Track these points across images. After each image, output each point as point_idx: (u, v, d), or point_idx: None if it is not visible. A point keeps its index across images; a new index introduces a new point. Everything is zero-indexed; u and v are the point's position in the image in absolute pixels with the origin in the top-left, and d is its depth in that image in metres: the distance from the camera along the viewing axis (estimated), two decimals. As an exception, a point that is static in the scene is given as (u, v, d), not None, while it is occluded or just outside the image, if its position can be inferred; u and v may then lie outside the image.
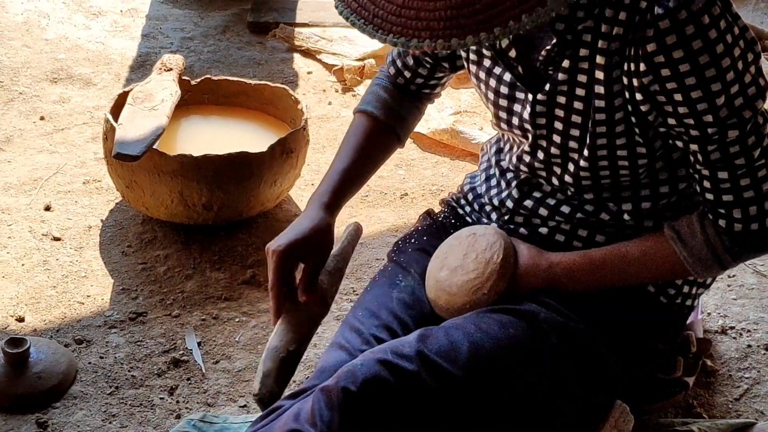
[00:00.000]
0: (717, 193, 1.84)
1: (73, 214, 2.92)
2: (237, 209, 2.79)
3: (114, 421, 2.21)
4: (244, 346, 2.45)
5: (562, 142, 1.91)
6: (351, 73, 3.74)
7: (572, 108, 1.87)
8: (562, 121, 1.89)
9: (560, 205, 2.00)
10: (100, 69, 3.76)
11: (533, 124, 1.92)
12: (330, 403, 1.75)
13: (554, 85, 1.87)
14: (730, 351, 2.44)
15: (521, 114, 1.94)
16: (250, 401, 2.27)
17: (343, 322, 2.05)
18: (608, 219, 1.97)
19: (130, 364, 2.37)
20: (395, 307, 2.03)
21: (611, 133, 1.85)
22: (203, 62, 3.82)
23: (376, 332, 1.97)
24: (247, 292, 2.63)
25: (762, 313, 2.57)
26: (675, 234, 1.90)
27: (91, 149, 3.23)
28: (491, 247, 1.97)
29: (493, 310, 1.92)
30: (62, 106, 3.49)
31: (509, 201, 2.05)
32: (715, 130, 1.76)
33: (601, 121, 1.84)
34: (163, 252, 2.77)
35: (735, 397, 2.30)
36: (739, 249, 1.88)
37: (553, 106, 1.89)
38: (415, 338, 1.84)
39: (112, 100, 2.89)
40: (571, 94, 1.86)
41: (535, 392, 1.89)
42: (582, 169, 1.90)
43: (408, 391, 1.78)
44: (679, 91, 1.74)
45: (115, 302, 2.58)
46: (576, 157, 1.91)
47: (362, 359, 1.81)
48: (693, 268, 1.90)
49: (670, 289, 2.03)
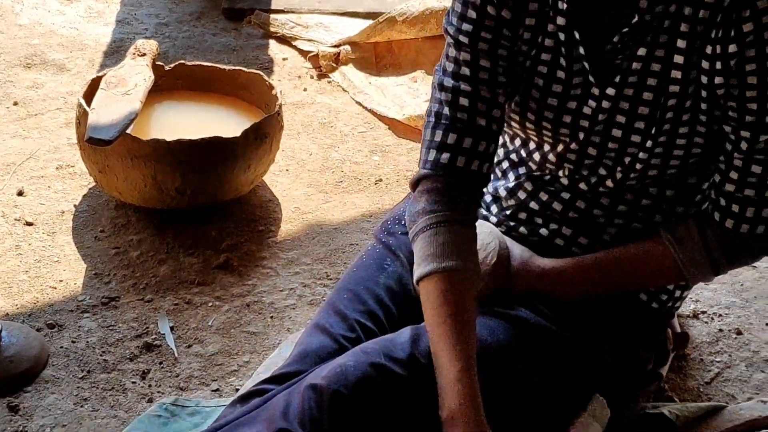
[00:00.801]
0: (740, 186, 1.82)
1: (45, 199, 2.91)
2: (210, 194, 2.78)
3: (86, 405, 2.20)
4: (217, 330, 2.44)
5: (623, 135, 1.85)
6: (326, 59, 3.73)
7: (641, 99, 1.81)
8: (626, 114, 1.83)
9: (576, 200, 1.96)
10: (74, 54, 3.74)
11: (593, 120, 1.85)
12: (320, 404, 1.73)
13: (625, 76, 1.81)
14: (702, 335, 2.45)
15: (578, 110, 1.86)
16: (223, 385, 2.27)
17: (327, 303, 2.03)
18: (623, 209, 1.94)
19: (102, 349, 2.37)
20: (381, 293, 2.01)
21: (677, 119, 1.81)
22: (178, 48, 3.81)
23: (360, 318, 1.96)
24: (220, 277, 2.63)
25: (733, 298, 2.58)
26: (672, 237, 1.89)
27: (65, 134, 3.22)
28: (486, 248, 1.93)
29: (482, 312, 1.89)
30: (36, 91, 3.47)
31: (521, 192, 2.01)
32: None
33: (672, 107, 1.80)
34: (136, 237, 2.76)
35: (706, 380, 2.32)
36: (735, 253, 1.88)
37: (619, 99, 1.83)
38: (407, 339, 1.82)
39: (85, 85, 2.87)
40: (641, 84, 1.80)
41: (517, 396, 1.88)
42: (640, 161, 1.85)
43: (399, 395, 1.77)
44: (756, 74, 1.71)
45: (87, 287, 2.57)
46: (635, 151, 1.85)
47: (354, 360, 1.79)
48: (688, 271, 1.90)
49: (662, 294, 2.02)
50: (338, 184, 3.07)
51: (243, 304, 2.53)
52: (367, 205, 2.99)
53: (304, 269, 2.68)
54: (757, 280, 2.65)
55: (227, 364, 2.34)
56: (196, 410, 2.17)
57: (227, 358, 2.36)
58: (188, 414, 2.16)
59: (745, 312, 2.54)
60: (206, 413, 2.16)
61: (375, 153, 3.23)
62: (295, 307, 2.53)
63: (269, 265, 2.69)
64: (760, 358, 2.38)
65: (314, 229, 2.85)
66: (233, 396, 2.15)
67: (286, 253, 2.74)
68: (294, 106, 3.46)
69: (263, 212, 2.91)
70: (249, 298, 2.56)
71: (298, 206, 2.95)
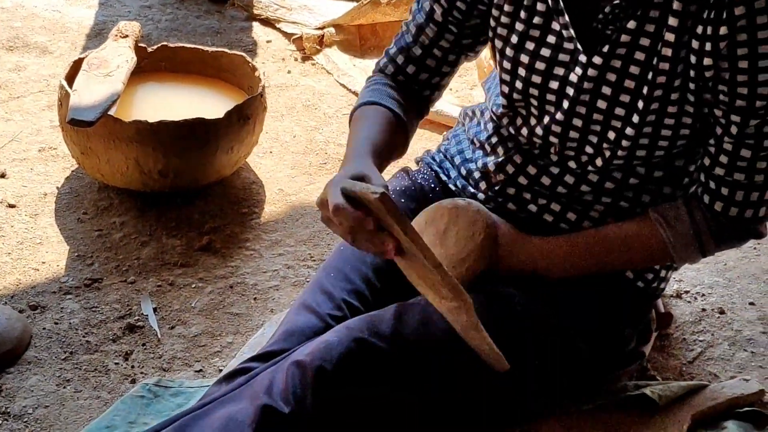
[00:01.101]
0: (730, 170, 1.82)
1: (28, 182, 2.89)
2: (193, 176, 2.77)
3: (68, 386, 2.20)
4: (200, 311, 2.44)
5: (608, 108, 1.85)
6: (310, 41, 3.72)
7: (627, 72, 1.81)
8: (611, 85, 1.83)
9: (564, 175, 1.96)
10: (57, 37, 3.72)
11: (579, 89, 1.85)
12: (304, 380, 1.73)
13: (613, 47, 1.81)
14: (685, 315, 2.45)
15: (565, 77, 1.87)
16: (206, 366, 2.27)
17: (313, 282, 2.02)
18: (611, 187, 1.94)
19: (84, 330, 2.36)
20: (368, 271, 2.00)
21: (666, 98, 1.80)
22: (161, 31, 3.79)
23: (347, 297, 1.96)
24: (203, 259, 2.62)
25: (716, 278, 2.59)
26: (661, 218, 1.89)
27: (47, 117, 3.20)
28: (473, 224, 1.92)
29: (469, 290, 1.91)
30: (18, 74, 3.46)
31: (510, 166, 2.00)
32: (764, 104, 1.74)
33: (660, 84, 1.79)
34: (119, 219, 2.75)
35: (689, 360, 2.32)
36: (723, 235, 1.89)
37: (606, 70, 1.82)
38: (392, 316, 1.83)
39: (67, 66, 2.86)
40: (628, 57, 1.80)
41: (503, 374, 1.87)
42: (626, 137, 1.85)
43: (383, 372, 1.77)
44: (747, 58, 1.71)
45: (70, 269, 2.56)
46: (620, 127, 1.85)
47: (338, 336, 1.79)
48: (676, 252, 1.90)
49: (648, 273, 2.03)
50: (322, 165, 3.07)
51: (226, 286, 2.53)
52: (350, 187, 2.98)
53: (288, 251, 2.67)
54: (740, 259, 2.66)
55: (210, 345, 2.34)
56: (180, 391, 2.16)
57: (210, 339, 2.36)
58: (171, 395, 2.15)
59: (728, 291, 2.54)
60: (189, 394, 2.15)
61: (359, 135, 3.22)
62: (278, 289, 2.53)
63: (252, 246, 2.69)
64: (743, 337, 2.39)
65: (298, 210, 2.85)
66: (216, 377, 2.15)
67: (270, 235, 2.73)
68: (278, 88, 3.45)
69: (246, 194, 2.90)
70: (232, 280, 2.55)
71: (281, 188, 2.94)
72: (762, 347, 2.36)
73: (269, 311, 2.45)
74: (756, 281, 2.58)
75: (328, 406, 1.74)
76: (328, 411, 1.73)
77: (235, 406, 1.74)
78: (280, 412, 1.71)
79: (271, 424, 1.70)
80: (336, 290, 1.97)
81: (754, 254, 2.68)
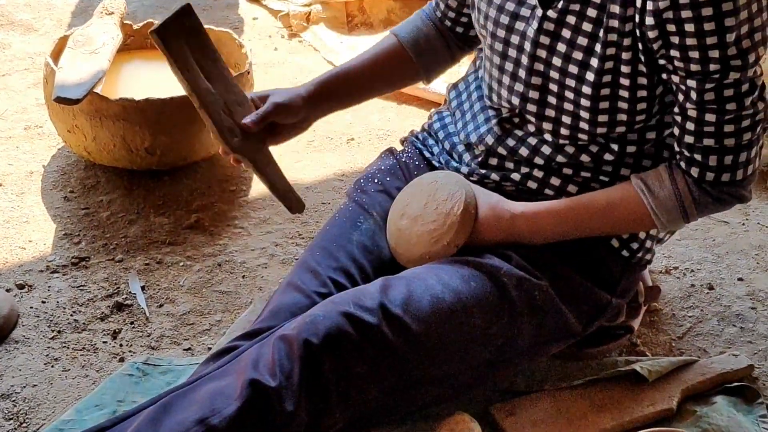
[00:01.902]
0: (699, 137, 1.83)
1: (14, 160, 2.88)
2: (180, 154, 2.76)
3: (56, 365, 2.19)
4: (188, 289, 2.43)
5: (562, 65, 1.88)
6: (297, 18, 3.70)
7: (580, 30, 1.84)
8: (566, 42, 1.86)
9: (541, 145, 1.97)
10: (42, 15, 3.70)
11: (535, 43, 1.89)
12: (291, 354, 1.74)
13: (567, 3, 1.84)
14: (674, 290, 2.45)
15: (524, 32, 1.91)
16: (195, 344, 2.26)
17: (300, 262, 2.03)
18: (588, 162, 1.95)
19: (72, 309, 2.35)
20: (354, 250, 2.01)
21: (618, 57, 1.82)
22: (147, 8, 3.77)
23: (333, 275, 1.96)
24: (191, 237, 2.61)
25: (705, 253, 2.59)
26: (643, 184, 1.89)
27: (33, 95, 3.18)
28: (452, 197, 1.93)
29: (454, 261, 1.91)
30: (3, 52, 3.43)
31: (489, 137, 2.01)
32: (717, 67, 1.75)
33: (612, 42, 1.81)
34: (106, 197, 2.73)
35: (678, 335, 2.32)
36: (705, 200, 1.88)
37: (561, 25, 1.86)
38: (377, 289, 1.83)
39: (53, 44, 2.84)
40: (582, 14, 1.83)
41: (490, 346, 1.89)
42: (584, 96, 1.87)
43: (369, 343, 1.78)
44: (692, 21, 1.71)
45: (57, 247, 2.55)
46: (573, 84, 1.87)
47: (324, 310, 1.79)
48: (659, 219, 1.90)
49: (633, 243, 2.03)
50: (310, 143, 3.05)
51: (214, 264, 2.52)
52: (338, 165, 2.97)
53: (276, 228, 2.66)
54: (728, 235, 2.66)
55: (199, 324, 2.33)
56: (168, 369, 2.16)
57: (199, 317, 2.35)
58: (160, 373, 2.15)
59: (717, 267, 2.54)
60: (178, 372, 2.15)
61: (347, 112, 3.20)
62: (266, 267, 2.52)
63: (240, 224, 2.68)
64: (732, 313, 2.39)
65: (286, 188, 2.83)
66: (205, 355, 2.15)
67: (258, 213, 2.72)
68: (265, 65, 3.44)
69: (234, 171, 2.88)
70: (220, 258, 2.54)
71: (269, 166, 2.92)
72: (751, 323, 2.36)
73: (258, 289, 2.44)
74: (745, 257, 2.58)
75: (315, 378, 1.74)
76: (314, 383, 1.74)
77: (222, 382, 1.75)
78: (266, 385, 1.71)
79: (258, 397, 1.71)
80: (322, 268, 1.98)
81: (743, 230, 2.68)
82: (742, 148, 1.83)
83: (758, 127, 1.83)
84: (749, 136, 1.82)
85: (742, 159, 1.84)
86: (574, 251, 1.97)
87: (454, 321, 1.84)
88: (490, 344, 1.89)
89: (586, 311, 2.01)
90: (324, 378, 1.74)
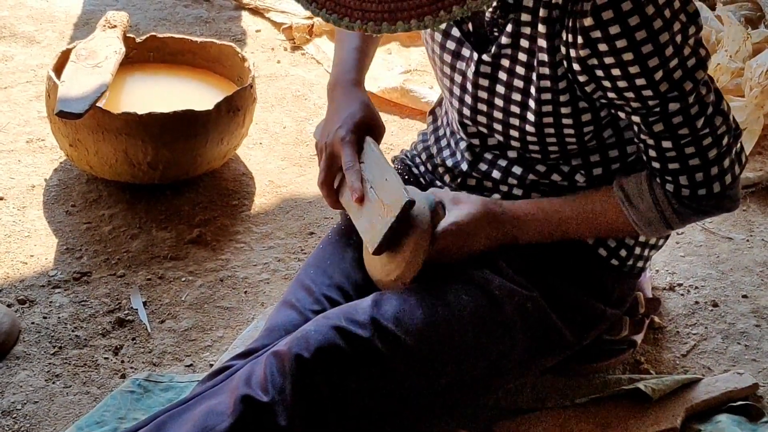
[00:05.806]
0: (663, 162, 1.83)
1: (16, 173, 2.87)
2: (183, 168, 2.75)
3: (57, 381, 2.18)
4: (191, 305, 2.42)
5: (504, 106, 1.89)
6: (300, 31, 3.69)
7: (514, 72, 1.86)
8: (504, 84, 1.88)
9: (512, 166, 1.98)
10: (44, 27, 3.69)
11: (476, 84, 1.91)
12: (282, 369, 1.74)
13: (499, 48, 1.86)
14: (678, 308, 2.44)
15: (465, 72, 1.93)
16: (196, 360, 2.26)
17: (295, 280, 2.04)
18: (561, 181, 1.96)
19: (74, 324, 2.34)
20: (347, 266, 2.02)
21: (556, 100, 1.84)
22: (149, 20, 3.77)
23: (327, 292, 1.97)
24: (193, 252, 2.60)
25: (710, 270, 2.58)
26: (623, 194, 1.90)
27: (35, 108, 3.17)
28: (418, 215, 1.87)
29: (446, 275, 1.91)
30: (5, 64, 3.43)
31: (464, 164, 2.03)
32: (656, 102, 1.75)
33: (546, 88, 1.83)
34: (108, 211, 2.73)
35: (682, 353, 2.31)
36: (686, 212, 1.89)
37: (497, 69, 1.88)
38: (368, 304, 1.84)
39: (55, 57, 2.83)
40: (514, 58, 1.85)
41: (483, 359, 1.89)
42: (528, 134, 1.89)
43: (361, 358, 1.78)
44: (617, 66, 1.72)
45: (59, 262, 2.54)
46: (517, 123, 1.89)
47: (315, 325, 1.80)
48: (641, 229, 1.91)
49: (622, 251, 2.03)
50: (313, 157, 3.05)
51: (217, 279, 2.51)
52: (341, 179, 2.96)
53: (279, 243, 2.66)
54: (733, 252, 2.65)
55: (201, 340, 2.32)
56: (170, 386, 2.15)
57: (201, 333, 2.34)
58: (161, 389, 2.14)
59: (721, 284, 2.53)
60: (180, 389, 2.14)
61: (349, 126, 3.20)
62: (269, 282, 2.51)
63: (243, 239, 2.67)
64: (736, 330, 2.38)
65: (288, 203, 2.83)
66: (207, 371, 2.14)
67: (260, 228, 2.72)
68: (267, 78, 3.43)
69: (237, 186, 2.88)
70: (223, 273, 2.53)
71: (272, 180, 2.92)
72: (755, 340, 2.35)
73: (260, 305, 2.43)
74: (749, 274, 2.57)
75: (307, 393, 1.74)
76: (306, 398, 1.74)
77: (215, 400, 1.77)
78: (258, 400, 1.72)
79: (251, 413, 1.72)
80: (316, 285, 1.99)
81: (747, 246, 2.67)
82: (710, 164, 1.83)
83: (723, 140, 1.82)
84: (715, 152, 1.82)
85: (714, 173, 1.84)
86: (564, 262, 1.98)
87: (447, 334, 1.84)
88: (483, 357, 1.89)
89: (580, 322, 2.01)
90: (317, 392, 1.75)
